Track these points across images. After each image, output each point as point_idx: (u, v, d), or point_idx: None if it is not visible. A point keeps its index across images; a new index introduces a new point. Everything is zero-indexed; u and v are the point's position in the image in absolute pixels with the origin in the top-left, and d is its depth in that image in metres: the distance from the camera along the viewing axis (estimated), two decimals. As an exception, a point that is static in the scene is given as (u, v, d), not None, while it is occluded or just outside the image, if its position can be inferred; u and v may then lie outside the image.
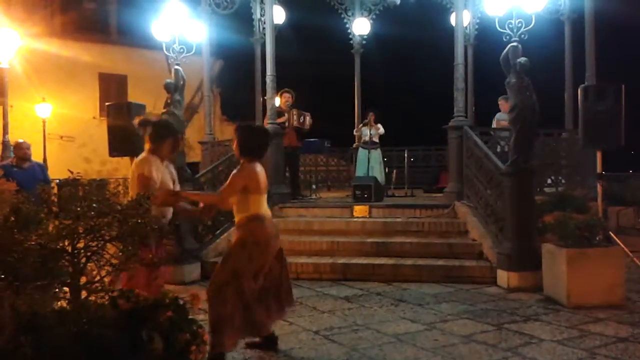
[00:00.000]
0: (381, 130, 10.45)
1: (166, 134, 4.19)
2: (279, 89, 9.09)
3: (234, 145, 4.21)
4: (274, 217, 8.09)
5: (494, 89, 9.12)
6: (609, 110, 6.51)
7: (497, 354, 3.97)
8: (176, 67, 7.50)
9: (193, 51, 8.05)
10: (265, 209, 4.14)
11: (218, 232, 7.54)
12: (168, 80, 7.25)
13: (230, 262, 3.93)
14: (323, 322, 4.88)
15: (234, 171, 4.10)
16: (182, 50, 7.68)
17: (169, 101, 7.20)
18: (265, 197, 4.18)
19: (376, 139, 10.46)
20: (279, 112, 9.11)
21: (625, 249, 6.30)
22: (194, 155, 12.76)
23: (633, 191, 9.31)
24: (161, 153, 4.13)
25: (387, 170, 11.17)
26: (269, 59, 8.42)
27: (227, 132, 18.68)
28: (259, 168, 4.11)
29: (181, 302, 3.08)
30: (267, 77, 8.54)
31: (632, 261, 6.51)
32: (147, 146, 4.16)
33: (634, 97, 7.50)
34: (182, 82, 7.31)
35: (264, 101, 9.11)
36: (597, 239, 5.71)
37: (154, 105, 12.01)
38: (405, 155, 11.57)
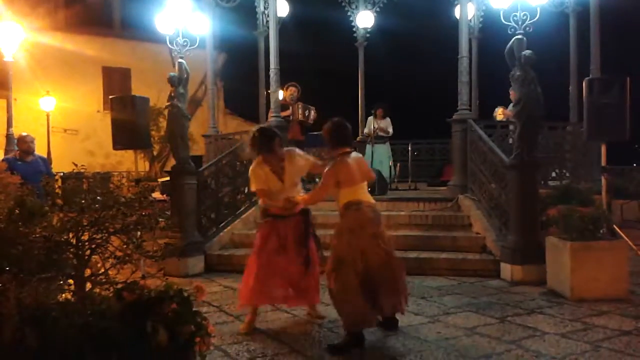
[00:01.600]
0: (390, 129, 10.38)
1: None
2: (282, 82, 9.07)
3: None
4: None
5: (498, 82, 9.07)
6: (614, 103, 6.47)
7: (500, 347, 3.98)
8: (180, 60, 7.48)
9: (197, 44, 8.03)
10: (361, 195, 4.29)
11: (222, 225, 7.55)
12: (172, 74, 7.24)
13: (334, 250, 4.18)
14: (326, 314, 4.87)
15: (326, 169, 4.31)
16: (185, 43, 7.67)
17: (172, 94, 7.20)
18: (362, 185, 4.34)
19: (383, 133, 10.40)
20: (284, 106, 9.10)
21: (630, 242, 6.29)
22: (198, 148, 12.77)
23: (637, 184, 9.28)
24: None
25: (391, 163, 11.15)
26: (273, 52, 8.40)
27: (230, 125, 18.72)
28: (351, 159, 4.25)
29: (185, 294, 3.10)
30: (270, 70, 8.51)
31: (636, 254, 6.49)
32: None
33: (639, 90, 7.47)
34: (185, 76, 7.30)
35: (268, 94, 9.09)
36: (601, 232, 5.70)
37: (158, 98, 12.04)
38: (409, 148, 11.54)
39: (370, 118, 10.49)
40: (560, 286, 5.46)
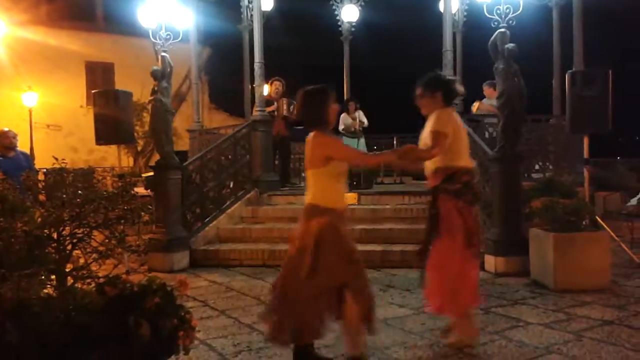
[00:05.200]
0: (365, 121, 10.36)
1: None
2: (267, 76, 9.04)
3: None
4: (263, 205, 8.18)
5: (482, 75, 9.12)
6: (596, 96, 6.52)
7: (484, 337, 4.00)
8: (163, 54, 7.43)
9: (180, 38, 7.98)
10: None
11: (207, 219, 7.52)
12: (155, 68, 7.18)
13: None
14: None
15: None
16: (169, 37, 7.61)
17: (155, 89, 7.15)
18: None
19: (358, 127, 10.41)
20: (269, 101, 9.07)
21: (612, 233, 6.36)
22: (183, 144, 12.69)
23: (619, 177, 9.40)
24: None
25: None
26: (257, 47, 8.36)
27: (215, 120, 18.60)
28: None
29: (169, 288, 3.08)
30: (255, 64, 8.48)
31: (618, 245, 6.57)
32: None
33: (622, 83, 7.54)
34: (169, 70, 7.25)
35: (253, 89, 9.05)
36: (584, 223, 5.77)
37: (142, 93, 11.93)
38: (394, 142, 11.57)
39: (343, 114, 10.48)
40: (543, 277, 5.52)
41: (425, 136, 3.87)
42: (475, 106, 9.73)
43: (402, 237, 7.09)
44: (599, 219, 6.62)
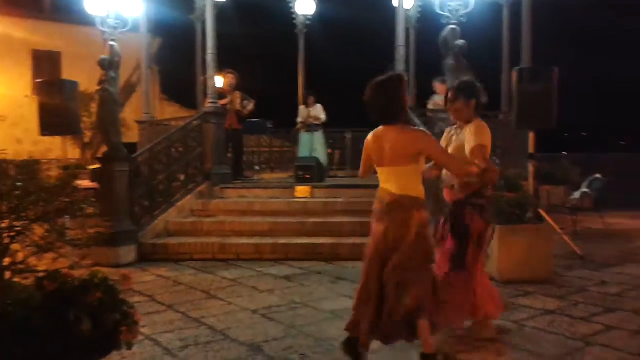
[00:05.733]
0: (322, 117, 10.31)
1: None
2: (220, 68, 8.93)
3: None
4: (214, 198, 8.08)
5: (437, 71, 9.25)
6: (542, 92, 6.70)
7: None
8: (111, 43, 7.24)
9: (129, 27, 7.78)
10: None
11: (156, 213, 7.38)
12: (102, 57, 6.99)
13: None
14: (262, 301, 4.88)
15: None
16: (117, 25, 7.41)
17: (103, 78, 6.96)
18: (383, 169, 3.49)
19: (316, 122, 10.37)
20: (222, 94, 8.95)
21: (555, 226, 6.57)
22: (133, 135, 12.40)
23: (564, 171, 9.71)
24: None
25: (330, 151, 11.20)
26: (210, 37, 8.24)
27: (167, 111, 18.24)
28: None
29: (111, 283, 3.02)
30: (207, 55, 8.36)
31: (560, 237, 6.80)
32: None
33: (569, 80, 7.77)
34: (117, 59, 7.07)
35: (205, 80, 8.92)
36: (528, 216, 5.95)
37: (89, 83, 11.57)
38: (348, 136, 11.63)
39: (302, 107, 10.45)
40: (488, 268, 5.63)
41: (467, 147, 3.59)
42: (431, 102, 9.88)
43: (352, 230, 7.14)
44: (542, 212, 6.82)
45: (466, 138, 3.64)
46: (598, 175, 8.54)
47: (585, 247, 6.89)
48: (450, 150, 3.76)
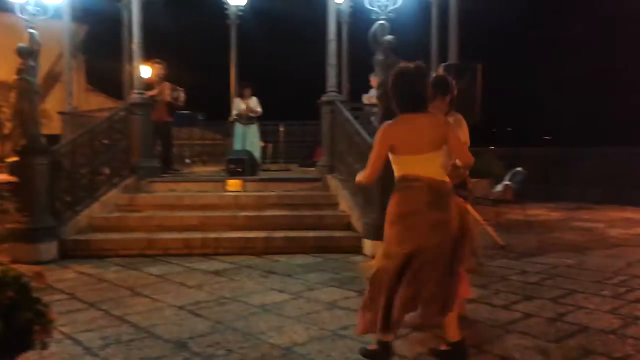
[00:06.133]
0: (259, 109, 10.18)
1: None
2: (148, 58, 8.67)
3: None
4: (141, 192, 7.84)
5: (370, 66, 9.35)
6: (467, 88, 6.91)
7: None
8: (30, 30, 6.87)
9: (51, 14, 7.42)
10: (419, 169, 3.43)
11: (78, 207, 7.07)
12: (21, 45, 6.63)
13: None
14: (189, 297, 4.78)
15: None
16: (37, 12, 7.05)
17: (22, 67, 6.59)
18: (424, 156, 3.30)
19: (253, 114, 10.23)
20: (150, 85, 8.69)
21: (478, 217, 6.79)
22: (56, 127, 11.86)
23: (488, 164, 10.09)
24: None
25: (264, 144, 11.11)
26: (136, 25, 7.98)
27: (93, 102, 17.51)
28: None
29: (24, 280, 2.87)
30: (133, 44, 8.09)
31: (483, 229, 7.04)
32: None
33: (498, 76, 8.06)
34: (36, 47, 6.71)
35: (132, 70, 8.63)
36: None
37: (8, 72, 10.94)
38: (281, 129, 11.59)
39: (237, 99, 10.29)
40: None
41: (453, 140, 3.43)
42: (365, 97, 9.99)
43: (285, 223, 7.14)
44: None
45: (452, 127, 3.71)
46: (519, 169, 8.89)
47: (507, 237, 7.18)
48: None
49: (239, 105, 10.14)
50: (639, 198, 10.75)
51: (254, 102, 10.17)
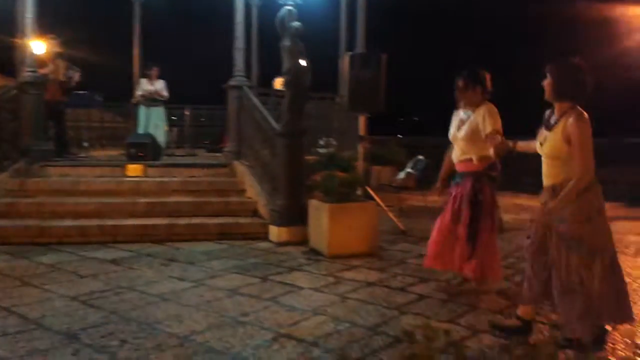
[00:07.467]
0: (165, 93, 9.83)
1: None
2: (43, 33, 8.11)
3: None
4: (33, 177, 7.37)
5: (279, 51, 9.29)
6: (371, 78, 7.05)
7: (259, 304, 4.13)
8: None
9: None
10: None
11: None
12: None
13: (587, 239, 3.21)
14: (83, 287, 4.56)
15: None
16: None
17: None
18: None
19: (160, 97, 9.86)
20: (43, 62, 8.14)
21: (380, 202, 7.01)
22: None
23: (392, 152, 10.44)
24: None
25: (167, 128, 10.76)
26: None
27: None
28: None
29: None
30: (25, 18, 7.53)
31: (385, 214, 7.27)
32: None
33: (404, 66, 8.27)
34: None
35: (23, 46, 8.04)
36: (358, 194, 6.27)
37: None
38: (187, 113, 11.29)
39: (143, 80, 9.89)
40: (319, 245, 5.88)
41: (486, 128, 4.12)
42: (277, 81, 9.96)
43: (189, 210, 6.99)
44: (370, 190, 7.25)
45: (480, 120, 4.17)
46: (421, 157, 9.25)
47: (408, 222, 7.45)
48: (466, 130, 4.26)
49: (145, 86, 9.75)
50: (531, 185, 11.46)
51: (160, 85, 9.81)
